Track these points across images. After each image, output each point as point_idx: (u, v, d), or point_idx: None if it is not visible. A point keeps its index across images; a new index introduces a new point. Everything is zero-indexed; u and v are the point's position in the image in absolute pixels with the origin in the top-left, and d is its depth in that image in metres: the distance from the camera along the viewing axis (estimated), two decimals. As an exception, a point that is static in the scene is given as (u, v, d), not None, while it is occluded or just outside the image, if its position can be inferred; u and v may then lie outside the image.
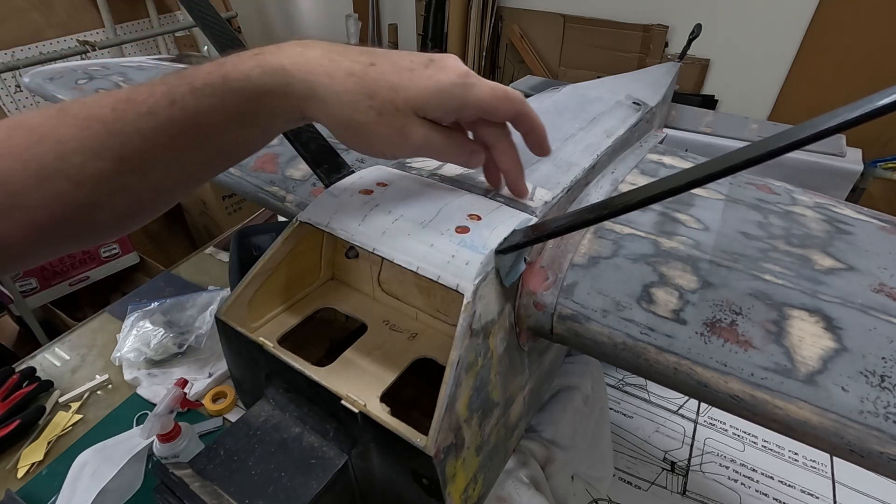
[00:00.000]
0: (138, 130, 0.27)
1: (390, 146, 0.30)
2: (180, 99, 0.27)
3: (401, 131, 0.29)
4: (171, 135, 0.28)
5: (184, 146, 0.29)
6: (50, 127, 0.27)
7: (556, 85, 0.97)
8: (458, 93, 0.29)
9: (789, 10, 1.75)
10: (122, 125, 0.27)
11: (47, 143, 0.27)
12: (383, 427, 0.28)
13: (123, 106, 0.27)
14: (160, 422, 0.55)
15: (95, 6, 1.89)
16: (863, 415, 0.25)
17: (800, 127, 0.20)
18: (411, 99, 0.29)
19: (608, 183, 0.44)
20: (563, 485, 0.49)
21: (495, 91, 0.30)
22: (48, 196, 0.27)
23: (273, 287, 0.37)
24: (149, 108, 0.27)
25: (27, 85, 0.71)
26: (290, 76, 0.28)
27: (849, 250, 0.36)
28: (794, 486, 0.62)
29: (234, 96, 0.28)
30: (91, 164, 0.27)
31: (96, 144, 0.27)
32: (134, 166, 0.28)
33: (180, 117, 0.27)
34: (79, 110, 0.27)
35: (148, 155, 0.28)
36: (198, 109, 0.28)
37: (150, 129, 0.27)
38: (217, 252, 1.04)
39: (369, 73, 0.28)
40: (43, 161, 0.27)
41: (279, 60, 0.28)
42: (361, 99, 0.28)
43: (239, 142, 0.31)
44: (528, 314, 0.34)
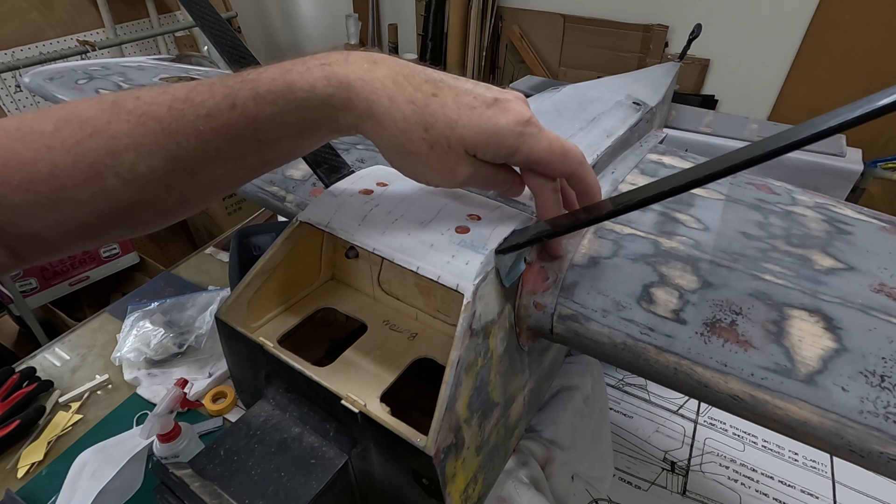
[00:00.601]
0: (196, 132, 0.27)
1: (435, 178, 0.30)
2: (242, 104, 0.27)
3: (449, 168, 0.29)
4: (228, 139, 0.27)
5: (238, 150, 0.28)
6: (103, 122, 0.27)
7: (556, 85, 0.97)
8: (513, 141, 0.28)
9: (789, 10, 1.75)
10: (179, 125, 0.27)
11: (100, 139, 0.26)
12: (383, 427, 0.28)
13: (181, 105, 0.27)
14: (160, 422, 0.55)
15: (95, 6, 1.89)
16: (863, 415, 0.25)
17: (800, 127, 0.20)
18: (466, 139, 0.28)
19: (608, 183, 0.44)
20: (563, 485, 0.49)
21: (552, 146, 0.29)
22: (97, 192, 0.27)
23: (273, 287, 0.37)
24: (208, 110, 0.27)
25: (27, 85, 0.70)
26: (353, 92, 0.27)
27: (849, 250, 0.36)
28: (794, 486, 0.62)
29: (297, 106, 0.27)
30: (143, 163, 0.27)
31: (151, 143, 0.27)
32: (185, 167, 0.28)
33: (239, 122, 0.27)
34: (134, 106, 0.27)
35: (202, 156, 0.28)
36: (258, 116, 0.27)
37: (207, 130, 0.27)
38: (217, 252, 1.04)
39: (430, 104, 0.28)
40: (95, 157, 0.26)
41: (346, 74, 0.27)
42: (416, 129, 0.28)
43: (292, 149, 0.31)
44: (528, 314, 0.34)
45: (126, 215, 0.29)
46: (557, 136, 0.30)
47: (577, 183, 0.32)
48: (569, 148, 0.30)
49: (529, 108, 0.29)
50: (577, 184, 0.32)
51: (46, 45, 1.80)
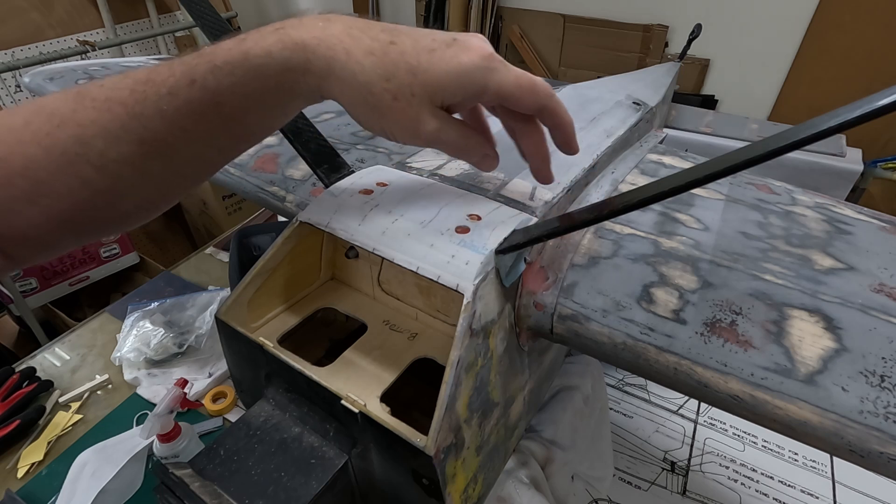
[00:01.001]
0: (159, 112, 0.26)
1: (402, 132, 0.29)
2: (200, 78, 0.26)
3: (414, 120, 0.28)
4: (192, 116, 0.27)
5: (205, 128, 0.28)
6: (69, 111, 0.27)
7: (556, 85, 0.97)
8: (479, 77, 0.28)
9: (789, 10, 1.75)
10: (143, 107, 0.26)
11: (68, 128, 0.26)
12: (383, 427, 0.28)
13: (143, 87, 0.27)
14: (160, 422, 0.55)
15: (95, 6, 1.88)
16: (863, 415, 0.25)
17: (800, 127, 0.20)
18: (430, 84, 0.27)
19: (608, 183, 0.44)
20: (563, 485, 0.49)
21: (520, 80, 0.29)
22: (72, 182, 0.26)
23: (273, 287, 0.37)
24: (169, 89, 0.26)
25: (27, 85, 0.70)
26: (310, 52, 0.27)
27: (849, 250, 0.36)
28: (794, 486, 0.62)
29: (256, 74, 0.27)
30: (113, 149, 0.26)
31: (117, 128, 0.26)
32: (156, 150, 0.27)
33: (201, 97, 0.27)
34: (98, 93, 0.27)
35: (170, 138, 0.27)
36: (218, 88, 0.27)
37: (171, 110, 0.26)
38: (217, 252, 1.04)
39: (389, 52, 0.27)
40: (64, 147, 0.26)
41: (300, 36, 0.27)
42: (377, 81, 0.27)
43: (260, 123, 0.30)
44: (528, 314, 0.34)
45: (107, 206, 0.28)
46: (524, 71, 0.29)
47: (549, 117, 0.31)
48: (537, 81, 0.29)
49: (490, 45, 0.29)
50: (548, 118, 0.31)
51: (46, 45, 1.80)
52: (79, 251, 1.45)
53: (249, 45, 0.27)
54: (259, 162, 0.52)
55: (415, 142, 0.30)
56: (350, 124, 0.59)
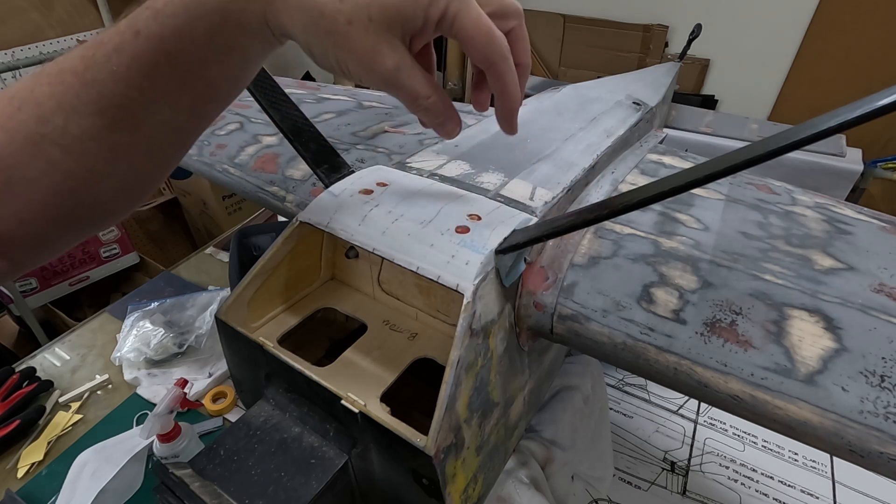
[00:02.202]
0: (111, 74, 0.25)
1: (356, 65, 0.26)
2: (144, 27, 0.25)
3: (370, 51, 0.25)
4: (145, 73, 0.25)
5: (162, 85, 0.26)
6: (28, 91, 0.26)
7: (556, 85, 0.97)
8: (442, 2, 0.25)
9: (789, 10, 1.76)
10: (95, 72, 0.25)
11: (28, 109, 0.26)
12: (383, 427, 0.28)
13: (92, 52, 0.25)
14: (160, 422, 0.55)
15: (95, 6, 1.89)
16: (863, 415, 0.25)
17: (800, 127, 0.20)
18: (388, 4, 0.24)
19: (608, 183, 0.44)
20: (563, 485, 0.49)
21: (479, 22, 0.26)
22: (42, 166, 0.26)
23: (273, 287, 0.37)
24: (114, 46, 0.25)
25: (27, 85, 0.70)
26: None
27: (849, 250, 0.36)
28: (794, 486, 0.62)
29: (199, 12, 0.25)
30: (73, 123, 0.25)
31: (72, 98, 0.25)
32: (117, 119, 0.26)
33: (147, 47, 0.25)
34: (52, 68, 0.26)
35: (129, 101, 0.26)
36: (163, 35, 0.25)
37: (121, 69, 0.25)
38: (217, 252, 1.04)
39: None
40: (27, 128, 0.25)
41: None
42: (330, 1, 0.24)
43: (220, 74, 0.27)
44: (528, 314, 0.34)
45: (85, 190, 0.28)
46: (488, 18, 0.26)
47: (495, 80, 0.28)
48: (496, 33, 0.26)
49: None
50: (494, 79, 0.28)
51: (46, 45, 1.80)
52: (79, 251, 1.45)
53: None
54: (259, 162, 0.52)
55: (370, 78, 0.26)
56: (350, 124, 0.59)
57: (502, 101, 0.29)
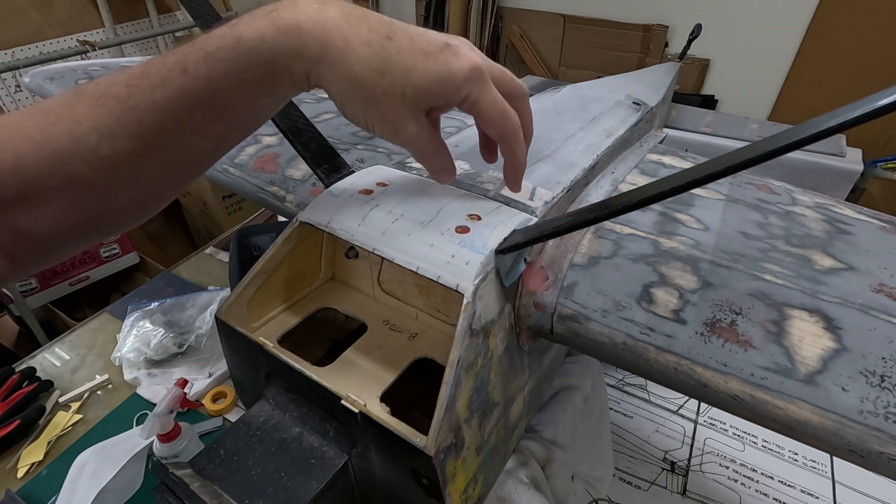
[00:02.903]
0: (153, 104, 0.26)
1: (383, 128, 0.30)
2: (193, 66, 0.26)
3: (398, 120, 0.29)
4: (185, 106, 0.27)
5: (199, 118, 0.28)
6: (66, 108, 0.27)
7: (556, 85, 0.97)
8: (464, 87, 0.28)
9: (789, 10, 1.76)
10: (138, 100, 0.26)
11: (63, 125, 0.26)
12: (383, 427, 0.28)
13: (137, 81, 0.27)
14: (160, 422, 0.55)
15: (95, 6, 1.89)
16: (863, 415, 0.25)
17: (800, 127, 0.20)
18: (420, 87, 0.28)
19: (608, 183, 0.44)
20: (563, 485, 0.49)
21: (496, 104, 0.30)
22: (65, 179, 0.26)
23: (273, 287, 0.37)
24: (162, 80, 0.26)
25: (27, 85, 0.71)
26: (304, 34, 0.26)
27: (849, 250, 0.36)
28: (794, 486, 0.62)
29: (248, 59, 0.26)
30: (107, 144, 0.26)
31: (112, 122, 0.26)
32: (150, 144, 0.27)
33: (193, 86, 0.26)
34: (94, 90, 0.27)
35: (163, 130, 0.27)
36: (211, 76, 0.26)
37: (164, 101, 0.26)
38: (217, 252, 1.04)
39: (386, 47, 0.27)
40: (57, 143, 0.26)
41: (294, 17, 0.26)
42: (372, 74, 0.27)
43: (252, 111, 0.30)
44: (528, 314, 0.34)
45: (101, 202, 0.28)
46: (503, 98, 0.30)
47: (507, 151, 0.32)
48: (510, 113, 0.30)
49: (479, 54, 0.30)
50: (506, 151, 0.32)
51: (46, 45, 1.80)
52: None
53: (242, 30, 0.26)
54: (259, 162, 0.52)
55: (391, 139, 0.30)
56: (350, 124, 0.59)
57: (512, 167, 0.33)
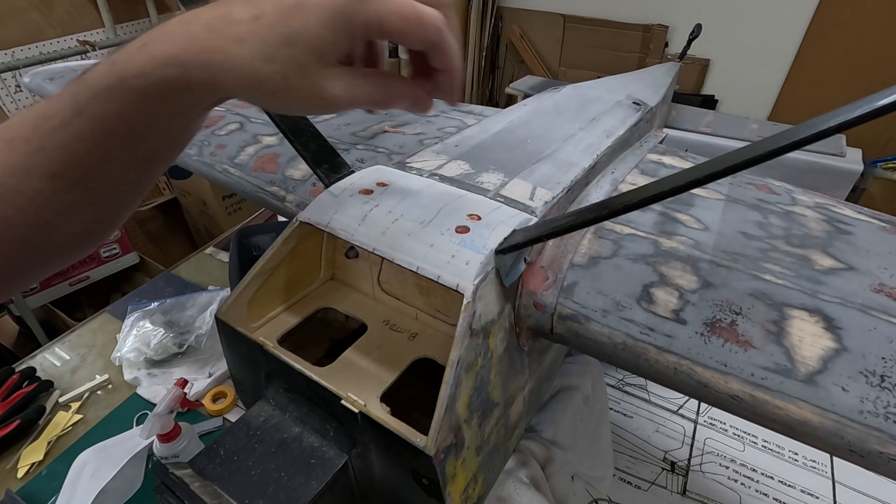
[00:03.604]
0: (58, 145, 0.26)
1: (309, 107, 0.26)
2: (85, 107, 0.25)
3: (315, 91, 0.25)
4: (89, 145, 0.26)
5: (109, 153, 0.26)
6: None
7: (556, 85, 0.97)
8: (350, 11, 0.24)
9: (789, 10, 1.76)
10: (42, 142, 0.26)
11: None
12: (383, 427, 0.28)
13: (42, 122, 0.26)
14: (160, 422, 0.55)
15: (95, 6, 1.89)
16: (863, 415, 0.25)
17: (800, 127, 0.20)
18: (312, 44, 0.24)
19: (608, 183, 0.44)
20: (563, 485, 0.49)
21: (402, 9, 0.25)
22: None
23: (273, 287, 0.37)
24: (61, 121, 0.25)
25: (27, 85, 0.71)
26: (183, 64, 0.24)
27: (849, 250, 0.36)
28: (794, 486, 0.62)
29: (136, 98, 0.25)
30: (25, 186, 0.26)
31: (24, 163, 0.26)
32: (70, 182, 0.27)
33: (90, 126, 0.25)
34: (4, 132, 0.26)
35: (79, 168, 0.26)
36: (104, 115, 0.25)
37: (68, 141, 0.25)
38: (217, 252, 1.04)
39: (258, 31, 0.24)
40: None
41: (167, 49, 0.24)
42: (260, 66, 0.24)
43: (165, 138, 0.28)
44: (528, 314, 0.34)
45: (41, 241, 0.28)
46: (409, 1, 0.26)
47: (438, 57, 0.28)
48: (426, 13, 0.26)
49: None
50: (437, 57, 0.28)
51: (46, 45, 1.80)
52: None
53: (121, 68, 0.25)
54: (259, 162, 0.52)
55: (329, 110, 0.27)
56: (350, 124, 0.59)
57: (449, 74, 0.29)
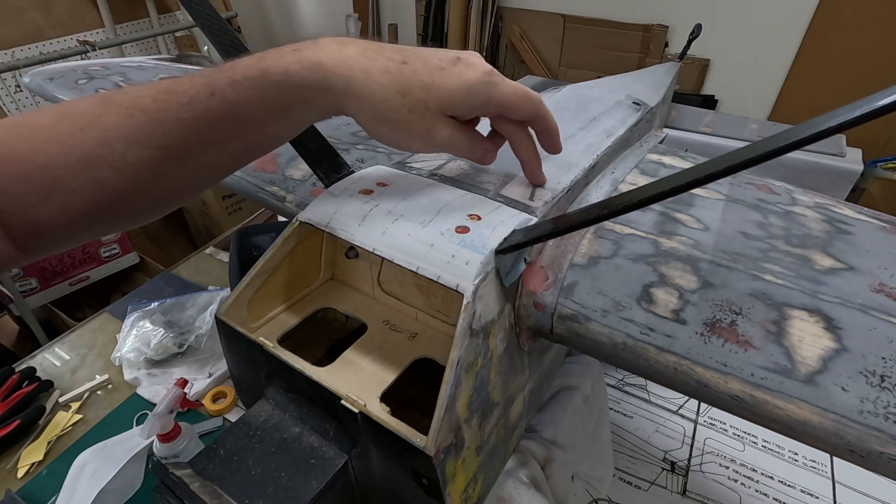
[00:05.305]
0: (179, 120, 0.28)
1: (417, 142, 0.32)
2: (220, 91, 0.28)
3: (428, 130, 0.31)
4: (210, 124, 0.29)
5: (222, 136, 0.30)
6: (95, 115, 0.28)
7: (556, 85, 0.97)
8: (484, 91, 0.31)
9: (789, 10, 1.75)
10: (165, 114, 0.28)
11: (92, 131, 0.28)
12: (383, 427, 0.28)
13: (165, 96, 0.28)
14: (160, 422, 0.55)
15: (95, 6, 1.89)
16: (863, 415, 0.25)
17: (800, 127, 0.20)
18: (442, 98, 0.30)
19: (608, 183, 0.44)
20: (563, 485, 0.49)
21: (516, 91, 0.32)
22: (90, 182, 0.28)
23: (273, 287, 0.37)
24: (189, 99, 0.28)
25: (27, 85, 0.71)
26: (328, 72, 0.29)
27: (849, 250, 0.36)
28: (794, 486, 0.62)
29: (273, 90, 0.29)
30: (133, 152, 0.28)
31: (139, 133, 0.28)
32: (173, 155, 0.29)
33: (219, 108, 0.29)
34: (122, 100, 0.29)
35: (187, 144, 0.29)
36: (237, 101, 0.29)
37: (190, 118, 0.28)
38: (217, 252, 1.04)
39: (403, 71, 0.30)
40: (87, 148, 0.28)
41: (318, 57, 0.29)
42: (395, 97, 0.30)
43: (274, 132, 0.32)
44: (528, 314, 0.34)
45: (119, 204, 0.30)
46: (517, 83, 0.32)
47: (540, 122, 0.35)
48: (530, 92, 0.33)
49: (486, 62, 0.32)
50: (539, 123, 0.35)
51: (46, 45, 1.80)
52: (79, 251, 1.45)
53: (269, 63, 0.29)
54: (259, 162, 0.52)
55: (428, 149, 0.33)
56: (350, 124, 0.59)
57: (549, 134, 0.36)
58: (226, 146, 0.31)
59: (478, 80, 0.31)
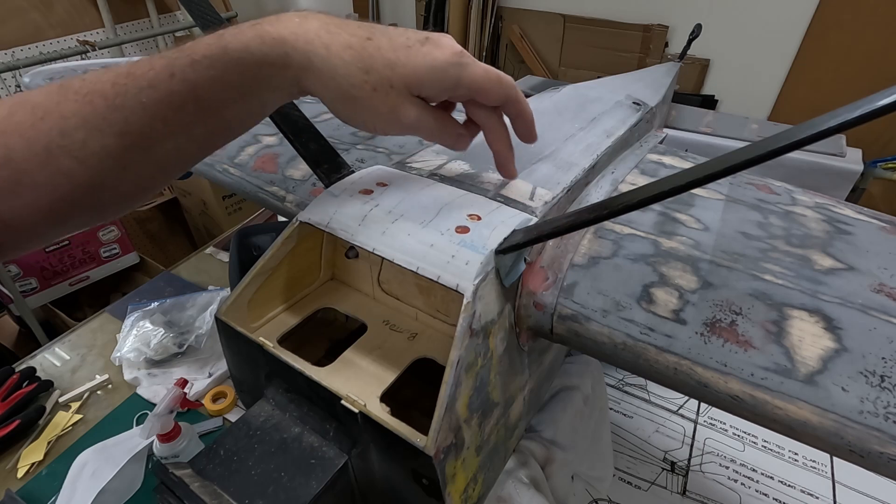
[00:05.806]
0: (140, 104, 0.27)
1: (382, 122, 0.30)
2: (180, 71, 0.27)
3: (393, 109, 0.30)
4: (172, 108, 0.28)
5: (185, 120, 0.29)
6: (53, 104, 0.27)
7: (556, 85, 0.97)
8: (453, 72, 0.29)
9: (789, 10, 1.76)
10: (124, 99, 0.27)
11: (51, 120, 0.27)
12: (383, 427, 0.28)
13: (124, 80, 0.27)
14: (160, 422, 0.55)
15: (95, 6, 1.88)
16: (863, 415, 0.25)
17: (800, 127, 0.20)
18: (407, 76, 0.29)
19: (608, 183, 0.44)
20: (563, 485, 0.49)
21: (488, 73, 0.31)
22: (54, 174, 0.27)
23: (273, 287, 0.37)
24: (149, 82, 0.27)
25: (27, 85, 0.71)
26: (288, 46, 0.28)
27: (849, 250, 0.36)
28: (794, 486, 0.62)
29: (234, 67, 0.28)
30: (94, 140, 0.27)
31: (98, 119, 0.27)
32: (136, 142, 0.28)
33: (180, 90, 0.27)
34: (80, 86, 0.28)
35: (149, 129, 0.28)
36: (197, 82, 0.27)
37: (151, 102, 0.27)
38: (217, 252, 1.04)
39: (367, 47, 0.28)
40: (47, 138, 0.27)
41: (278, 31, 0.28)
42: (357, 73, 0.28)
43: (238, 116, 0.31)
44: (528, 314, 0.34)
45: (86, 197, 0.29)
46: (490, 66, 0.31)
47: (512, 106, 0.33)
48: (503, 75, 0.31)
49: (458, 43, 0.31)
50: (511, 107, 0.33)
51: (46, 45, 1.80)
52: (78, 251, 1.45)
53: (228, 40, 0.27)
54: (259, 162, 0.52)
55: (394, 130, 0.31)
56: (350, 124, 0.59)
57: (522, 119, 0.34)
58: (189, 132, 0.29)
59: (447, 60, 0.29)
